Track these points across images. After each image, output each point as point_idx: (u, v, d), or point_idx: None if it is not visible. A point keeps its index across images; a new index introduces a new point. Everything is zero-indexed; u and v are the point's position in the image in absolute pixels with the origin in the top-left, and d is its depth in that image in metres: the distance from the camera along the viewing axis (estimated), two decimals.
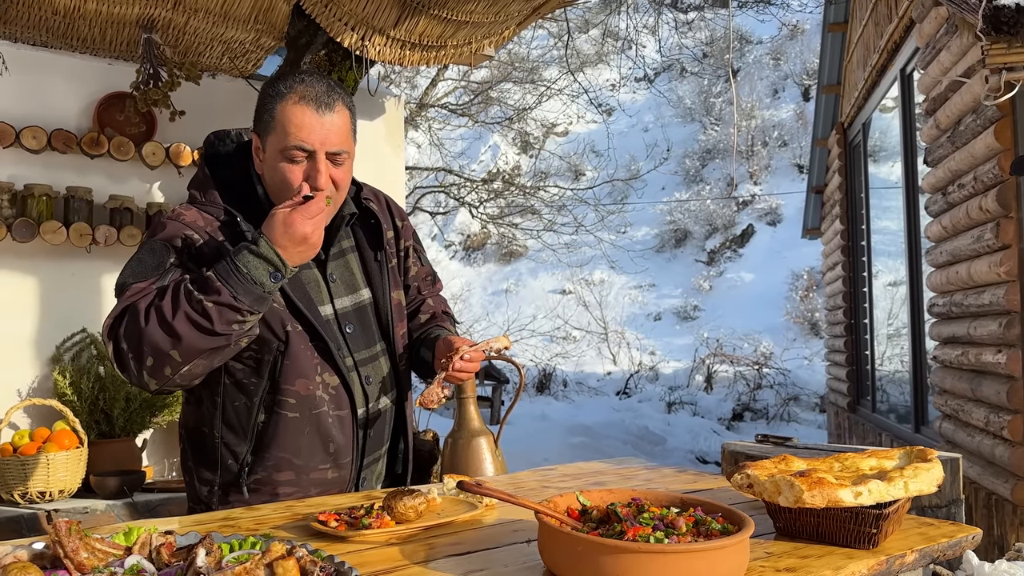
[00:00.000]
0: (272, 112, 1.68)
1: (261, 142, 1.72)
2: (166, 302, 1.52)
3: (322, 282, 1.78)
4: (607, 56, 19.47)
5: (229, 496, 1.73)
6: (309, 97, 1.66)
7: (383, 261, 1.87)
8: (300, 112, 1.65)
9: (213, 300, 1.49)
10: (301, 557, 1.02)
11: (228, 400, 1.71)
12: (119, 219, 3.54)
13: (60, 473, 3.07)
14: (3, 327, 3.37)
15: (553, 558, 1.17)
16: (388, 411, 1.88)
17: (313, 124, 1.65)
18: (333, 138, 1.67)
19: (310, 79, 1.70)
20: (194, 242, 1.64)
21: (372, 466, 1.88)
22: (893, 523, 1.35)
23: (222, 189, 1.74)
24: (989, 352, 3.89)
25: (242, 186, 1.76)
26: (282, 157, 1.67)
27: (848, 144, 7.77)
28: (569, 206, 15.01)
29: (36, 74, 3.49)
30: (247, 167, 1.77)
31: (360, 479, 1.84)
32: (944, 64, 4.23)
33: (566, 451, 8.24)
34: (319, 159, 1.66)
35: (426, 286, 2.05)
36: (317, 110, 1.65)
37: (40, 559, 1.08)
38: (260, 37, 3.63)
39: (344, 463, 1.79)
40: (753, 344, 13.80)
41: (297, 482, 1.75)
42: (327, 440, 1.75)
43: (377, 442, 1.87)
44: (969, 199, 4.09)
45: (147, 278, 1.59)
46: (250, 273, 1.52)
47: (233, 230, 1.68)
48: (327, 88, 1.69)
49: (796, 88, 20.32)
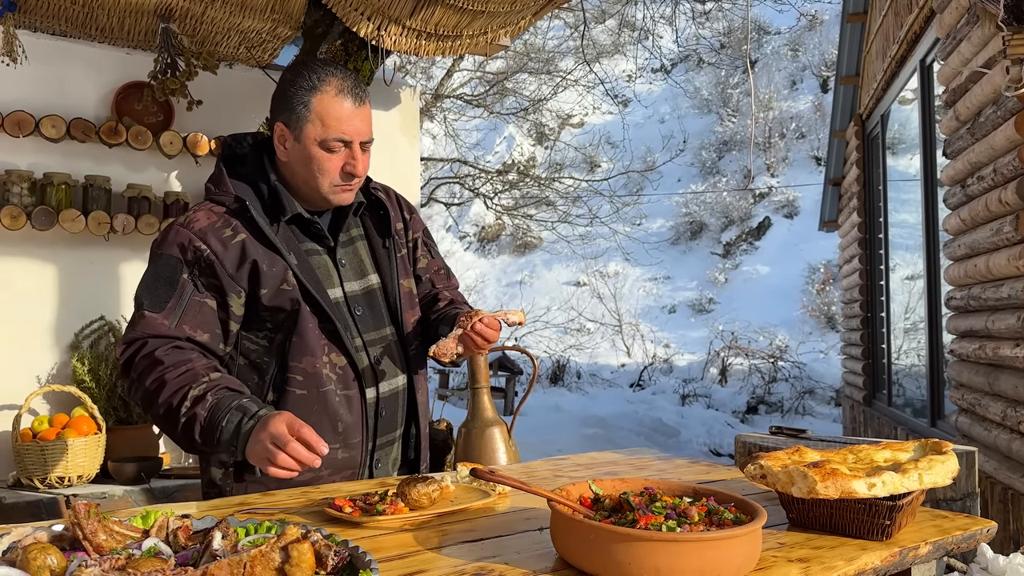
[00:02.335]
0: (308, 104, 1.74)
1: (290, 132, 1.77)
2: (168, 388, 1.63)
3: (332, 267, 1.84)
4: (623, 46, 19.37)
5: (243, 477, 1.77)
6: (346, 90, 1.75)
7: (391, 248, 1.93)
8: (340, 105, 1.74)
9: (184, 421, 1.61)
10: (316, 541, 1.03)
11: (242, 380, 1.76)
12: (137, 208, 3.57)
13: (79, 459, 3.11)
14: (23, 314, 3.41)
15: (565, 546, 1.17)
16: (400, 395, 1.90)
17: (352, 116, 1.75)
18: (366, 128, 1.77)
19: (339, 71, 1.77)
20: (202, 251, 1.72)
21: (386, 449, 1.89)
22: (907, 515, 1.35)
23: (235, 181, 1.81)
24: (1007, 346, 3.85)
25: (255, 178, 1.83)
26: (320, 147, 1.75)
27: (866, 136, 7.71)
28: (584, 198, 14.97)
29: (55, 64, 3.51)
30: (261, 163, 1.84)
31: (374, 462, 1.86)
32: (964, 55, 4.19)
33: (579, 442, 8.24)
34: (355, 148, 1.76)
35: (440, 280, 2.08)
36: (355, 103, 1.75)
37: (60, 541, 1.09)
38: (277, 27, 3.64)
39: (354, 443, 1.81)
40: (768, 337, 13.75)
41: None
42: (335, 419, 1.78)
43: (389, 425, 1.89)
44: (988, 192, 4.05)
45: (161, 304, 1.70)
46: (220, 436, 1.59)
47: (243, 215, 1.76)
48: (357, 81, 1.78)
49: (814, 79, 20.16)
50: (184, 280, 1.71)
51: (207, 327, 1.71)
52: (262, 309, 1.74)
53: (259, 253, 1.73)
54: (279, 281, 1.73)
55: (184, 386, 1.62)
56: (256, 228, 1.74)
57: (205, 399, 1.60)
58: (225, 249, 1.72)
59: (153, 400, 1.64)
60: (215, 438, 1.59)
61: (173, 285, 1.70)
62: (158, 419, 1.67)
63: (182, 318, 1.69)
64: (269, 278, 1.73)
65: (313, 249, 1.83)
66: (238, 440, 1.57)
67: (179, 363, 1.65)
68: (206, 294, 1.72)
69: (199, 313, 1.71)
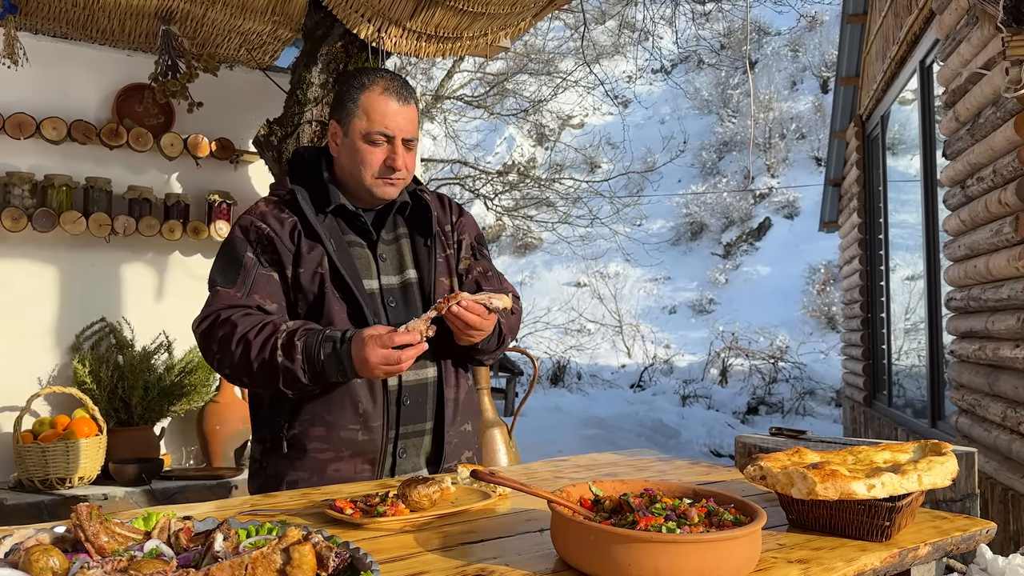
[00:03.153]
0: (356, 100, 1.91)
1: (341, 127, 1.94)
2: (256, 341, 1.76)
3: (372, 259, 1.96)
4: (623, 47, 19.38)
5: (275, 453, 1.89)
6: (392, 90, 1.91)
7: (432, 247, 2.01)
8: (384, 101, 1.90)
9: (285, 365, 1.74)
10: (317, 543, 1.03)
11: None
12: (138, 209, 3.57)
13: (80, 460, 3.11)
14: (24, 316, 3.41)
15: (566, 547, 1.18)
16: (429, 387, 1.95)
17: (396, 113, 1.90)
18: (409, 126, 1.92)
19: (389, 74, 1.95)
20: (262, 230, 1.89)
21: (414, 440, 1.93)
22: (906, 516, 1.35)
23: (296, 181, 1.98)
24: (1007, 347, 3.86)
25: (311, 176, 2.00)
26: (365, 140, 1.90)
27: (866, 137, 7.71)
28: (584, 198, 14.97)
29: (56, 66, 3.52)
30: (319, 163, 2.01)
31: (398, 450, 1.90)
32: (964, 56, 4.19)
33: (580, 443, 8.24)
34: (397, 144, 1.90)
35: (488, 282, 2.10)
36: (398, 101, 1.91)
37: (61, 542, 1.09)
38: (277, 28, 3.64)
39: (374, 427, 1.86)
40: (769, 338, 13.75)
41: (328, 439, 1.84)
42: (355, 402, 1.85)
43: (415, 415, 1.92)
44: (988, 192, 4.05)
45: (232, 280, 1.86)
46: (324, 362, 1.73)
47: (294, 204, 1.93)
48: (404, 84, 1.95)
49: (814, 80, 20.17)
50: (249, 258, 1.87)
51: (275, 297, 1.87)
52: (297, 289, 1.88)
53: (303, 237, 1.89)
54: (315, 264, 1.87)
55: (269, 338, 1.75)
56: (303, 216, 1.89)
57: (294, 344, 1.73)
58: (282, 227, 1.89)
59: (244, 361, 1.76)
60: (319, 372, 1.73)
61: (240, 263, 1.87)
62: (255, 376, 1.77)
63: (252, 288, 1.85)
64: (307, 261, 1.87)
65: (355, 241, 1.95)
66: (343, 364, 1.71)
67: (255, 324, 1.78)
68: (270, 268, 1.88)
69: (267, 284, 1.87)
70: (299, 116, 3.59)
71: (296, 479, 1.85)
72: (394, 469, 1.90)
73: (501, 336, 1.95)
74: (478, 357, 1.99)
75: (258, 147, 3.71)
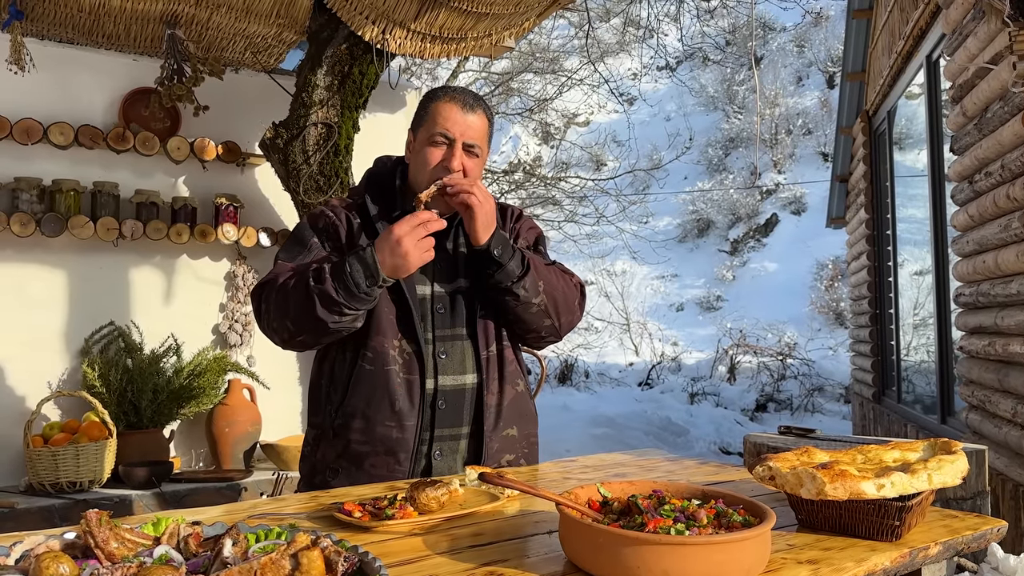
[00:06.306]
0: (427, 108, 2.02)
1: (414, 136, 2.05)
2: (294, 283, 1.86)
3: (430, 268, 2.01)
4: (628, 45, 19.33)
5: (324, 439, 1.97)
6: (457, 98, 2.01)
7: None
8: (448, 107, 1.99)
9: (319, 289, 1.81)
10: (326, 547, 1.03)
11: (336, 354, 1.99)
12: (145, 213, 3.59)
13: (90, 463, 3.13)
14: (33, 320, 3.43)
15: (574, 549, 1.17)
16: (468, 393, 1.98)
17: (457, 117, 1.98)
18: (471, 132, 1.98)
19: (463, 89, 2.06)
20: (330, 218, 2.03)
21: (449, 443, 1.96)
22: (916, 515, 1.34)
23: (370, 187, 2.09)
24: (1017, 342, 3.84)
25: (384, 185, 2.11)
26: (428, 142, 1.98)
27: (873, 132, 7.68)
28: (590, 196, 14.94)
29: (62, 71, 3.53)
30: (394, 173, 2.11)
31: (432, 452, 1.94)
32: (971, 51, 4.17)
33: (588, 442, 8.24)
34: (457, 147, 1.97)
35: None
36: (462, 108, 1.99)
37: (71, 549, 1.10)
38: (282, 31, 3.65)
39: (407, 426, 1.91)
40: (777, 334, 13.71)
41: (365, 432, 1.91)
42: (393, 399, 1.91)
43: (452, 419, 1.96)
44: (996, 187, 4.03)
45: (293, 256, 1.98)
46: (352, 273, 1.81)
47: (362, 208, 2.04)
48: (475, 96, 2.05)
49: (820, 75, 20.10)
50: (313, 241, 2.00)
51: None
52: None
53: (364, 238, 1.98)
54: None
55: (302, 275, 1.85)
56: (368, 220, 2.01)
57: (322, 268, 1.83)
58: (348, 224, 2.02)
59: (281, 301, 1.87)
60: (350, 287, 1.80)
61: (305, 243, 2.00)
62: (294, 314, 1.86)
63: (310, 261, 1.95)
64: None
65: None
66: (370, 267, 1.81)
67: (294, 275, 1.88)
68: (332, 252, 1.99)
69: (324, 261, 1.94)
70: (304, 118, 3.60)
71: (338, 467, 1.92)
72: (429, 470, 1.94)
73: (547, 308, 1.99)
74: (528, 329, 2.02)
75: (264, 150, 3.72)
